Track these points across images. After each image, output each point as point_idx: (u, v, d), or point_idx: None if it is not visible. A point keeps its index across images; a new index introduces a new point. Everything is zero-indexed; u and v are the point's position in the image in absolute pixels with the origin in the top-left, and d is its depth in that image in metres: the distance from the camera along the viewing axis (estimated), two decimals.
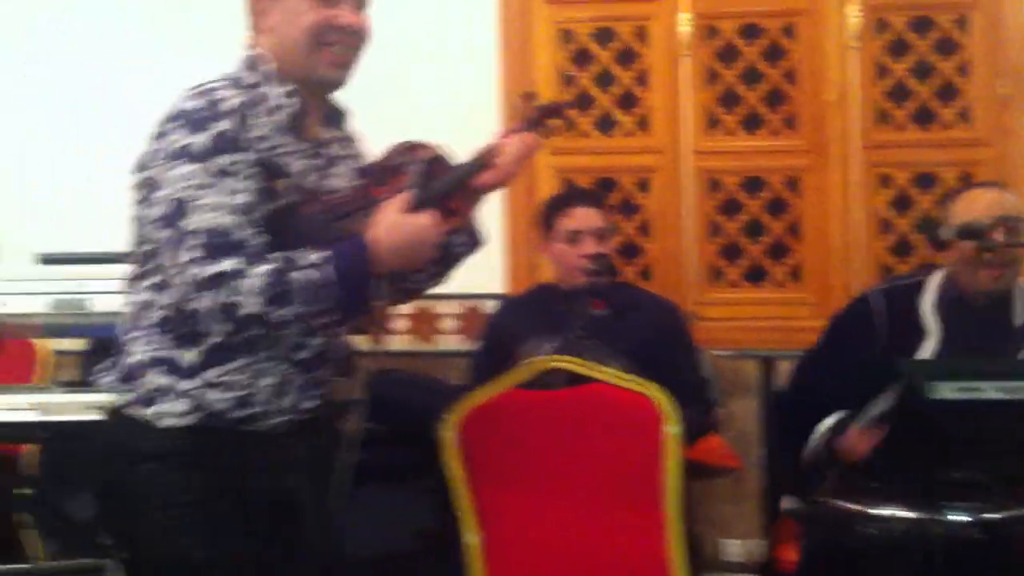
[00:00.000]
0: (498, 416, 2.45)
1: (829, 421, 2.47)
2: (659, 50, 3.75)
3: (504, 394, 2.47)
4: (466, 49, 3.75)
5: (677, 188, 3.75)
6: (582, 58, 3.81)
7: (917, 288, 2.54)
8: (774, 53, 3.73)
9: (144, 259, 1.80)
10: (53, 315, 2.54)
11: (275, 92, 1.82)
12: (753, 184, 3.75)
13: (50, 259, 2.65)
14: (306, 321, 1.73)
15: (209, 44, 2.62)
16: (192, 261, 1.68)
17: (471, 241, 1.98)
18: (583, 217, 2.97)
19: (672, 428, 2.40)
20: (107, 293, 2.54)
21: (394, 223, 1.77)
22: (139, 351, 1.80)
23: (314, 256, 1.71)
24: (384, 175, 1.89)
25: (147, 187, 1.76)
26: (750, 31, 3.74)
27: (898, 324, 2.50)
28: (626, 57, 3.79)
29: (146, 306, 1.80)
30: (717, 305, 3.73)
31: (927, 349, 2.45)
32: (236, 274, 1.67)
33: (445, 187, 1.87)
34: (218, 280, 1.67)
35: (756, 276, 3.76)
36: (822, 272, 3.70)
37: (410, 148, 1.92)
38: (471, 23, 3.76)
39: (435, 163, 1.90)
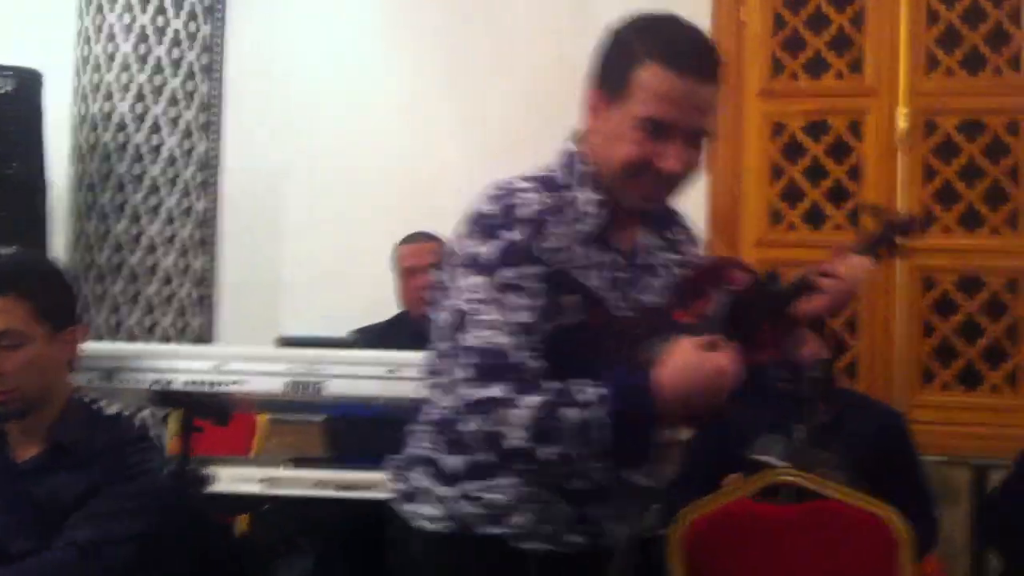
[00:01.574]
0: (728, 527, 2.40)
1: None
2: (873, 144, 3.70)
3: (734, 503, 2.42)
4: None
5: (889, 285, 3.66)
6: (792, 151, 3.78)
7: None
8: (996, 150, 3.63)
9: (433, 359, 1.70)
10: (285, 394, 2.61)
11: (585, 198, 1.64)
12: (970, 284, 3.64)
13: (288, 341, 2.75)
14: (575, 462, 1.55)
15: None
16: (464, 380, 1.56)
17: (794, 375, 1.81)
18: None
19: (908, 554, 2.31)
20: (337, 377, 2.60)
21: (686, 364, 1.52)
22: (413, 445, 1.73)
23: (590, 392, 1.52)
24: (689, 297, 1.65)
25: (441, 289, 1.66)
26: (971, 127, 3.65)
27: None
28: (838, 151, 3.74)
29: (428, 403, 1.72)
30: (927, 408, 3.61)
31: None
32: (505, 402, 1.53)
33: (754, 317, 1.63)
34: (486, 406, 1.54)
35: (970, 380, 3.63)
36: None
37: (724, 266, 1.71)
38: None
39: (747, 288, 1.65)
